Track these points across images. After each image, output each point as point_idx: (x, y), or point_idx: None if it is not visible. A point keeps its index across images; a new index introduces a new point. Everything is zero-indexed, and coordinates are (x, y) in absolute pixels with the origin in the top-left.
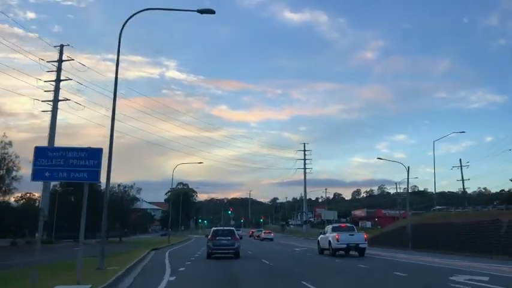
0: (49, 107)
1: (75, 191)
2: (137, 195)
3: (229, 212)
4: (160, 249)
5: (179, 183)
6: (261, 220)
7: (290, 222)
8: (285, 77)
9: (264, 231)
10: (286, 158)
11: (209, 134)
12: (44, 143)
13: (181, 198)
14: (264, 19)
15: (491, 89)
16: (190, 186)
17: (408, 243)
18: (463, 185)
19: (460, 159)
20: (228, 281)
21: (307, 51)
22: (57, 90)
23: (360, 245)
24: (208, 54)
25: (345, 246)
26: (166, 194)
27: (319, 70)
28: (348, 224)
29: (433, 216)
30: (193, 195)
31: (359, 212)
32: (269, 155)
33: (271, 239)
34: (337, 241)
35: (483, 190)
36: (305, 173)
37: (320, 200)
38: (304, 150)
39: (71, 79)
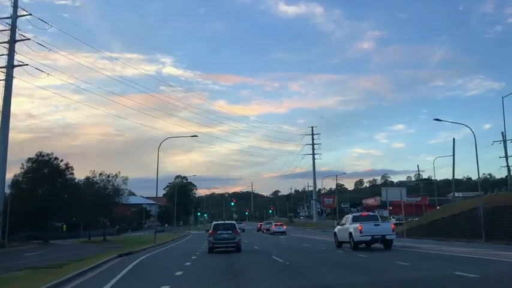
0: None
1: (43, 180)
2: (126, 188)
3: (232, 204)
4: (134, 255)
5: (177, 177)
6: (270, 211)
7: (300, 214)
8: (282, 70)
9: (274, 223)
10: (286, 151)
11: (208, 129)
12: (44, 143)
13: (176, 191)
14: (259, 12)
15: (489, 76)
16: (188, 180)
17: (479, 232)
18: (507, 164)
19: (503, 133)
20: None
21: (303, 43)
22: (11, 53)
23: (387, 237)
24: (204, 49)
25: (369, 238)
26: (164, 189)
27: (317, 62)
28: (370, 213)
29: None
30: (193, 190)
31: (371, 201)
32: (269, 149)
33: (283, 232)
34: (360, 233)
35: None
36: (314, 158)
37: (323, 191)
38: (312, 134)
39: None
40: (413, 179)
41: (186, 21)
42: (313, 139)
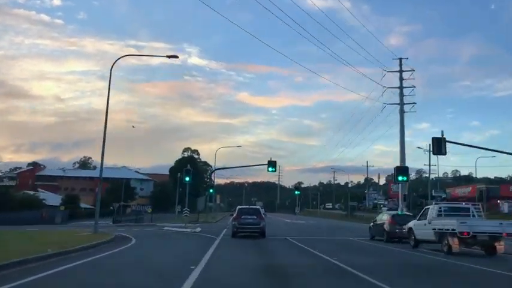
0: None
1: None
2: None
3: (297, 192)
4: None
5: (185, 149)
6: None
7: (327, 206)
8: (308, 62)
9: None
10: (306, 145)
11: (229, 120)
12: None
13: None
14: (287, 4)
15: None
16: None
17: None
18: None
19: None
20: None
21: (330, 37)
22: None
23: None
24: (230, 40)
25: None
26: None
27: (343, 56)
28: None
29: None
30: (208, 169)
31: (462, 190)
32: (289, 142)
33: None
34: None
35: None
36: (402, 108)
37: (350, 185)
38: (401, 71)
39: None
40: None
41: (213, 11)
42: (401, 78)
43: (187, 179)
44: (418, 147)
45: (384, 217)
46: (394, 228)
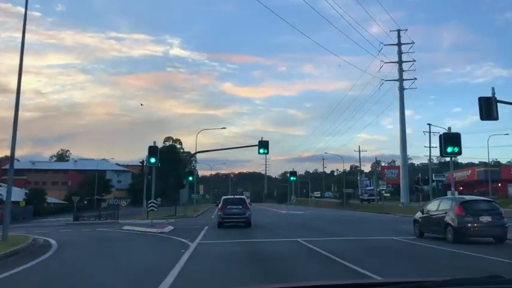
0: None
1: None
2: None
3: (293, 178)
4: None
5: (167, 139)
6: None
7: (316, 194)
8: (291, 52)
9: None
10: (291, 135)
11: (214, 111)
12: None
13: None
14: None
15: (498, 63)
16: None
17: None
18: None
19: None
20: None
21: (311, 27)
22: None
23: None
24: (212, 31)
25: None
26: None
27: (326, 46)
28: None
29: None
30: (191, 159)
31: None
32: (275, 132)
33: None
34: None
35: None
36: (402, 84)
37: (335, 173)
38: (400, 44)
39: None
40: (435, 161)
41: (195, 2)
42: (400, 51)
43: (152, 160)
44: (424, 132)
45: (445, 205)
46: (464, 221)
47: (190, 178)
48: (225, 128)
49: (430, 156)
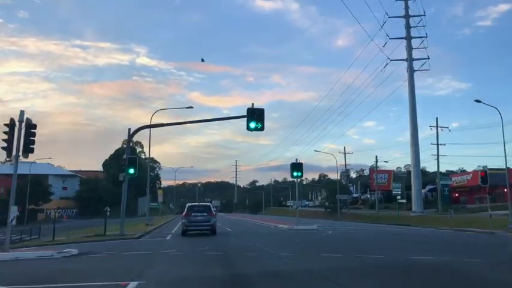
0: None
1: None
2: None
3: (299, 174)
4: None
5: (125, 141)
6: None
7: (289, 203)
8: (257, 63)
9: None
10: (259, 144)
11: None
12: None
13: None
14: (236, 5)
15: (456, 76)
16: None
17: None
18: None
19: None
20: None
21: (278, 38)
22: None
23: None
24: (179, 40)
25: None
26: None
27: (292, 57)
28: None
29: None
30: (156, 166)
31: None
32: (243, 142)
33: None
34: None
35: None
36: (411, 64)
37: (305, 182)
38: (407, 16)
39: None
40: (403, 170)
41: (162, 11)
42: (408, 25)
43: (131, 171)
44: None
45: None
46: None
47: (131, 171)
48: (192, 107)
49: (437, 155)
